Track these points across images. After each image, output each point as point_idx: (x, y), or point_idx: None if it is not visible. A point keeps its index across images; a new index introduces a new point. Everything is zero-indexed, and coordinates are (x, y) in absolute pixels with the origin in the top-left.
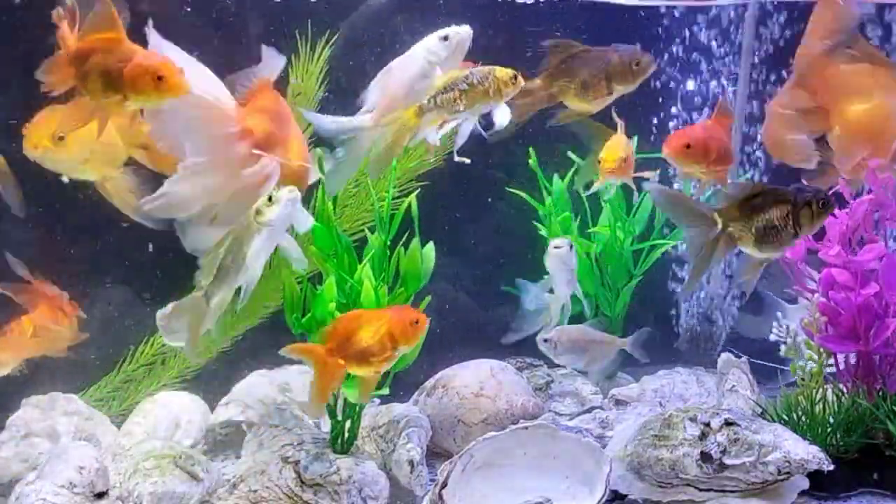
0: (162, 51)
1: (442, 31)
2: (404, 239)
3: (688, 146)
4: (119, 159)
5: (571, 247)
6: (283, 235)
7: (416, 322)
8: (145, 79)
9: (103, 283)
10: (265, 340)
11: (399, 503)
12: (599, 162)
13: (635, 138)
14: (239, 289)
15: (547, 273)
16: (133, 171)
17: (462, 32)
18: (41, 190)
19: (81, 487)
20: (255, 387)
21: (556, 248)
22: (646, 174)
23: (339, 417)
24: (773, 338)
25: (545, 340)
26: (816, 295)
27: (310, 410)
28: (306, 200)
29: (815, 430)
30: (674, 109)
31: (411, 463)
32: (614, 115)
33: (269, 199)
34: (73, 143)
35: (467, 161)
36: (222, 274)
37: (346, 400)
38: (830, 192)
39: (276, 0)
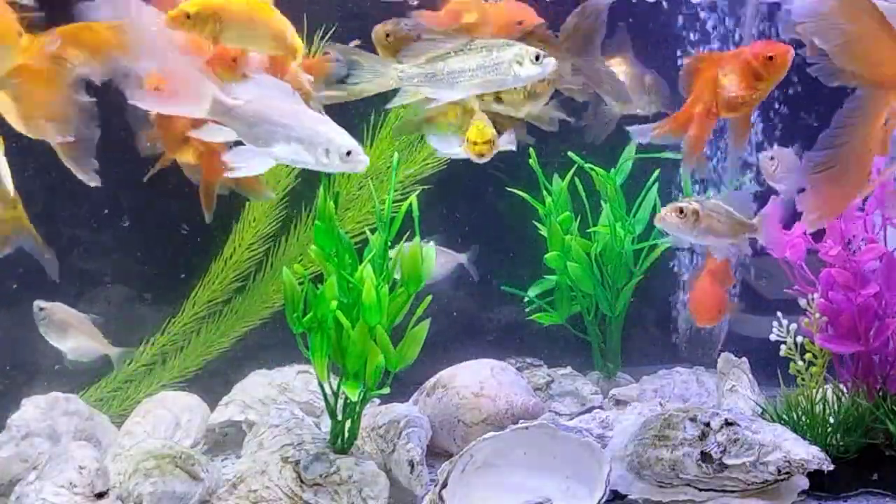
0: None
1: None
2: (405, 238)
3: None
4: None
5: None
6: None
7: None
8: None
9: (103, 282)
10: (265, 340)
11: (399, 503)
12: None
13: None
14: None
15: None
16: None
17: None
18: (40, 192)
19: (81, 487)
20: (255, 387)
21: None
22: None
23: (339, 417)
24: (773, 338)
25: None
26: (815, 295)
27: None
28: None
29: (815, 430)
30: None
31: (411, 463)
32: None
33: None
34: None
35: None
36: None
37: (346, 400)
38: None
39: None
